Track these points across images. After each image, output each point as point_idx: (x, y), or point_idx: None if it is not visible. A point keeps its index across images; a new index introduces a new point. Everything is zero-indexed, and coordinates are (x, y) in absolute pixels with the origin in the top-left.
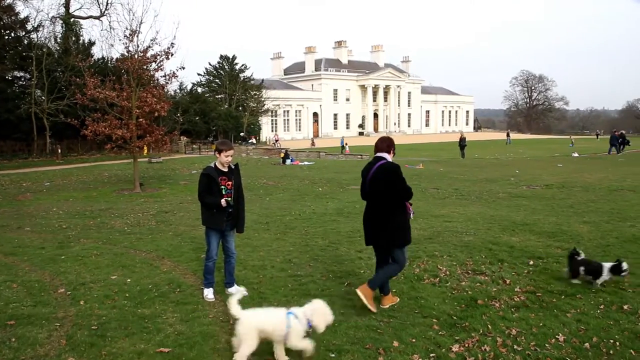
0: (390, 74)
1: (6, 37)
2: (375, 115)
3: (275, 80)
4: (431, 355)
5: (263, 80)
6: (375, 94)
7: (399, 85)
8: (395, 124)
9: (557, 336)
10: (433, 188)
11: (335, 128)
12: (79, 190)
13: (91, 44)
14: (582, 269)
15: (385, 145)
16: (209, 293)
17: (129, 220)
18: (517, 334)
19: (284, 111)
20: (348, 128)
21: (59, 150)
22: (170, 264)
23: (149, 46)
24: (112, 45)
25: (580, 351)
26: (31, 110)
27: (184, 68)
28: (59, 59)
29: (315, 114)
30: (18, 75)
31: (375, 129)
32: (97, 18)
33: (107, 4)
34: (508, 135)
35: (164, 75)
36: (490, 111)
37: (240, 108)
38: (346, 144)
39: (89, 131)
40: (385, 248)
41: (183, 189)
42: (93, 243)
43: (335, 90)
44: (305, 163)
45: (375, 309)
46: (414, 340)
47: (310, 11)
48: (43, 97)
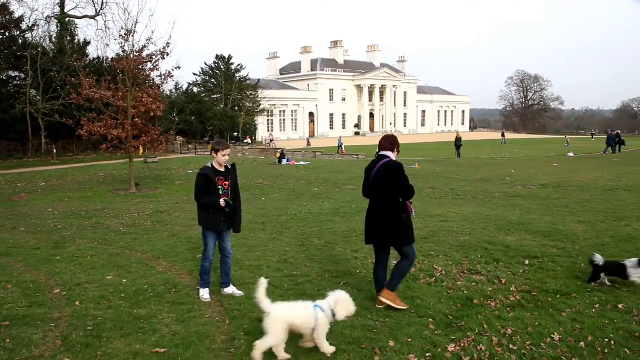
0: (386, 74)
1: (1, 37)
2: (372, 115)
3: (271, 80)
4: (427, 354)
5: (259, 80)
6: (371, 93)
7: (395, 85)
8: (391, 124)
9: (553, 335)
10: (429, 188)
11: (332, 128)
12: (75, 191)
13: (86, 43)
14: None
15: (389, 143)
16: (205, 293)
17: (125, 220)
18: (513, 333)
19: (280, 111)
20: (344, 128)
21: (54, 151)
22: (166, 264)
23: (145, 46)
24: (108, 45)
25: (576, 350)
26: (26, 110)
27: (179, 68)
28: (54, 59)
29: (311, 114)
30: (13, 75)
31: (372, 129)
32: (93, 18)
33: (103, 3)
34: (503, 135)
35: (160, 75)
36: (486, 111)
37: (236, 108)
38: (342, 144)
39: (84, 131)
40: (388, 247)
41: (179, 189)
42: (88, 243)
43: (331, 90)
44: (301, 163)
45: (406, 306)
46: (409, 339)
47: (306, 11)
48: (38, 97)
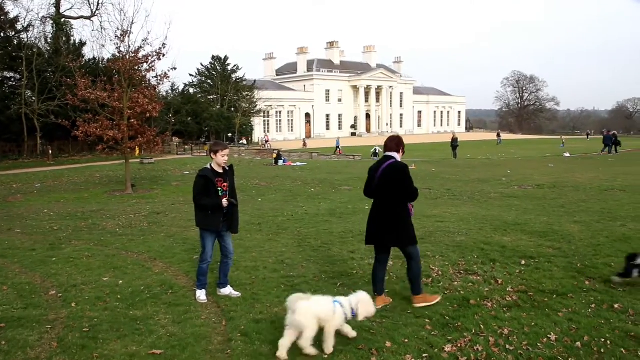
0: (382, 74)
1: None
2: (368, 116)
3: (267, 81)
4: (424, 355)
5: (255, 81)
6: (367, 94)
7: (391, 86)
8: (387, 125)
9: (549, 335)
10: (425, 188)
11: (328, 129)
12: (70, 192)
13: (82, 44)
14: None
15: (394, 144)
16: (201, 294)
17: (121, 221)
18: (509, 333)
19: (276, 112)
20: (340, 129)
21: (50, 152)
22: (162, 265)
23: (141, 46)
24: (104, 46)
25: (572, 350)
26: (21, 111)
27: (175, 69)
28: (50, 60)
29: (307, 115)
30: (8, 75)
31: (368, 130)
32: (88, 18)
33: (98, 4)
34: (499, 136)
35: (156, 76)
36: (482, 111)
37: (232, 109)
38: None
39: (80, 132)
40: (389, 248)
41: (175, 190)
42: (84, 245)
43: (327, 91)
44: (298, 164)
45: (439, 297)
46: (406, 340)
47: (302, 12)
48: (33, 98)
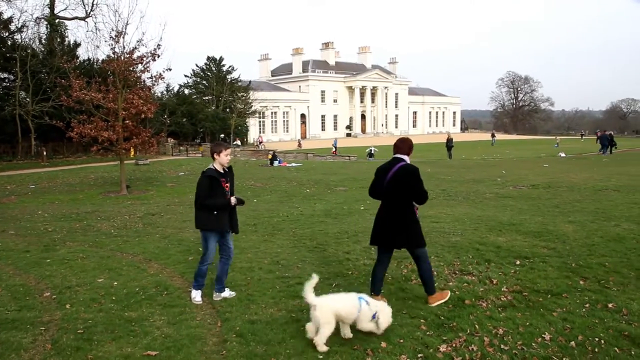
0: (377, 75)
1: None
2: (363, 117)
3: (262, 82)
4: (419, 355)
5: (250, 81)
6: (362, 95)
7: (386, 87)
8: (382, 125)
9: (544, 335)
10: None
11: (323, 129)
12: (65, 193)
13: (76, 45)
14: None
15: (407, 146)
16: (197, 295)
17: (116, 222)
18: (504, 333)
19: (272, 113)
20: (336, 129)
21: (44, 153)
22: (157, 266)
23: (135, 47)
24: (98, 47)
25: (566, 350)
26: (15, 112)
27: (170, 69)
28: (44, 60)
29: (302, 116)
30: (2, 76)
31: (363, 130)
32: (83, 19)
33: (93, 5)
34: (493, 136)
35: (151, 77)
36: (477, 112)
37: (227, 110)
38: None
39: (74, 133)
40: (392, 249)
41: (170, 191)
42: (79, 246)
43: (322, 92)
44: (293, 164)
45: (448, 293)
46: (401, 340)
47: (297, 13)
48: (28, 99)
